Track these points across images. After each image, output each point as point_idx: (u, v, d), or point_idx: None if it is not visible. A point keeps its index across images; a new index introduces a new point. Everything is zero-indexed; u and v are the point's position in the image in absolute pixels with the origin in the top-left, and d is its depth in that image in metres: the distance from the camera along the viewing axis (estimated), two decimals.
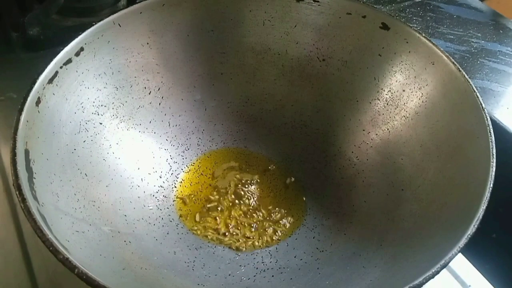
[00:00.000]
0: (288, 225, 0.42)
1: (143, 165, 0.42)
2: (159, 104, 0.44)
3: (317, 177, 0.45)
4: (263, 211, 0.42)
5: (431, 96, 0.40)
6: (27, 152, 0.32)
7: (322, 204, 0.43)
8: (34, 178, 0.31)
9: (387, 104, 0.43)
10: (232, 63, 0.46)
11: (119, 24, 0.40)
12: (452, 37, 0.61)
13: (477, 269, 0.43)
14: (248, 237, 0.41)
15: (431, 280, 0.28)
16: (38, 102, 0.34)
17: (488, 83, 0.55)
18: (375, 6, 0.43)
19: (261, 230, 0.41)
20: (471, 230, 0.30)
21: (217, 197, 0.43)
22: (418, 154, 0.40)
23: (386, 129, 0.43)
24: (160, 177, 0.43)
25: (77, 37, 0.38)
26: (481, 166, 0.33)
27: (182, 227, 0.41)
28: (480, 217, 0.30)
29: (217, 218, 0.42)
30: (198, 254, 0.39)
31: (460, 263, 0.43)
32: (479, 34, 0.62)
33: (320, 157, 0.45)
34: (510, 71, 0.57)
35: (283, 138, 0.47)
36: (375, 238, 0.38)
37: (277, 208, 0.43)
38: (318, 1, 0.44)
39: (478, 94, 0.37)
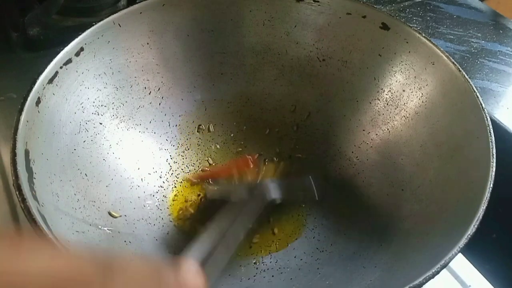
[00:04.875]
0: (288, 224, 0.42)
1: (143, 165, 0.42)
2: (159, 104, 0.44)
3: (317, 177, 0.45)
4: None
5: (431, 96, 0.40)
6: (27, 152, 0.32)
7: (322, 204, 0.43)
8: (34, 178, 0.31)
9: (387, 104, 0.43)
10: (232, 63, 0.46)
11: (119, 24, 0.40)
12: (452, 37, 0.61)
13: (477, 269, 0.43)
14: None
15: (431, 280, 0.28)
16: (38, 102, 0.34)
17: (488, 83, 0.55)
18: (375, 6, 0.43)
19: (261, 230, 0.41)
20: (471, 230, 0.30)
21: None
22: (418, 154, 0.40)
23: (386, 129, 0.43)
24: (160, 177, 0.43)
25: (77, 37, 0.38)
26: (481, 166, 0.33)
27: (182, 227, 0.41)
28: (480, 217, 0.30)
29: None
30: None
31: (460, 263, 0.43)
32: (479, 34, 0.62)
33: (320, 157, 0.45)
34: (510, 71, 0.57)
35: (283, 138, 0.47)
36: (375, 238, 0.38)
37: (277, 208, 0.43)
38: (318, 1, 0.44)
39: (478, 94, 0.37)
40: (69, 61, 0.37)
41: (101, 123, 0.40)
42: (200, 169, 0.45)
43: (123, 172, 0.41)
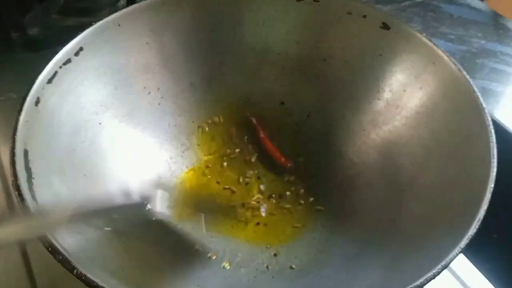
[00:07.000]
0: (287, 225, 0.42)
1: (143, 165, 0.42)
2: (159, 104, 0.44)
3: (317, 177, 0.45)
4: (263, 211, 0.42)
5: (431, 96, 0.40)
6: (26, 152, 0.32)
7: (322, 204, 0.43)
8: (33, 179, 0.31)
9: (387, 104, 0.43)
10: (232, 63, 0.46)
11: (118, 24, 0.40)
12: (453, 37, 0.61)
13: (478, 270, 0.43)
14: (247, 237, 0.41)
15: (432, 281, 0.28)
16: (37, 102, 0.34)
17: (489, 83, 0.55)
18: (375, 6, 0.43)
19: (261, 231, 0.41)
20: (472, 230, 0.30)
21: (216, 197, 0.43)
22: (418, 155, 0.40)
23: (387, 129, 0.43)
24: (160, 177, 0.43)
25: (76, 37, 0.38)
26: (482, 167, 0.33)
27: (181, 227, 0.41)
28: (481, 217, 0.30)
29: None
30: (199, 254, 0.39)
31: (461, 264, 0.43)
32: (479, 34, 0.62)
33: (320, 157, 0.45)
34: (510, 71, 0.57)
35: (283, 138, 0.47)
36: (375, 239, 0.38)
37: (277, 209, 0.43)
38: (318, 1, 0.44)
39: (478, 94, 0.36)
40: (68, 61, 0.37)
41: (100, 123, 0.40)
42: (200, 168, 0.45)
43: (123, 172, 0.40)
